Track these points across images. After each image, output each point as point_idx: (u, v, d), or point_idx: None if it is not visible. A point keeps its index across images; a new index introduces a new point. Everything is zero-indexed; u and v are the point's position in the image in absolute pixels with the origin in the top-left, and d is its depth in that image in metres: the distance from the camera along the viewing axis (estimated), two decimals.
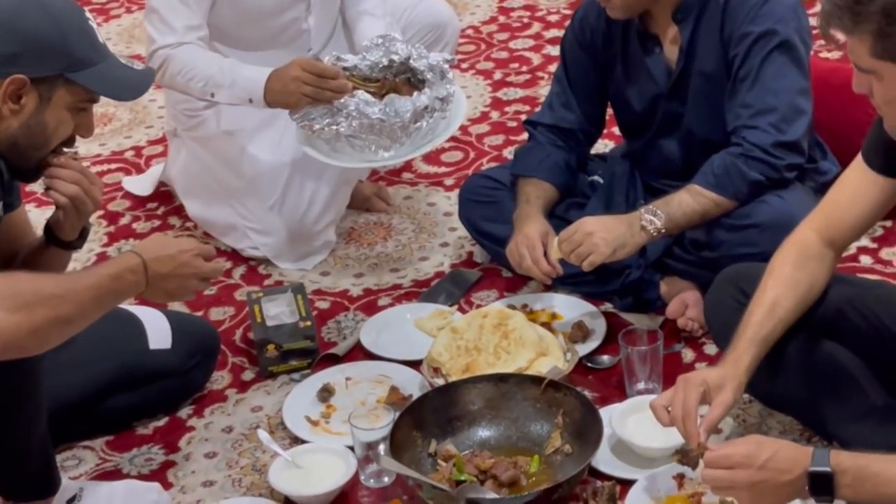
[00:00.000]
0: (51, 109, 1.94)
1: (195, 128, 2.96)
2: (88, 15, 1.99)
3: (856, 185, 2.04)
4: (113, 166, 3.49)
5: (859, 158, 2.05)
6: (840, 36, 1.80)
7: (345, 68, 2.67)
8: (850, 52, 1.83)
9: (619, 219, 2.43)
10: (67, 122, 1.97)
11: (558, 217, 2.67)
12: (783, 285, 2.04)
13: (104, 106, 3.83)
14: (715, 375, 1.98)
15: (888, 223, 2.77)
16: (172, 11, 2.73)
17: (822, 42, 3.74)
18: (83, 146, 3.60)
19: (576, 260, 2.40)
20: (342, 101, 2.59)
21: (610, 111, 2.79)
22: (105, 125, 3.72)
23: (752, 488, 1.80)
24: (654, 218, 2.38)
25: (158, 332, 2.36)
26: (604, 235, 2.37)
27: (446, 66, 2.66)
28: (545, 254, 2.48)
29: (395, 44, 2.70)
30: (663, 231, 2.40)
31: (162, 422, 2.40)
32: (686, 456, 1.95)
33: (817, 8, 1.89)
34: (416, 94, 2.61)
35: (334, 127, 2.59)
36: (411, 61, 2.67)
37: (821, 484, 1.75)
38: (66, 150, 2.00)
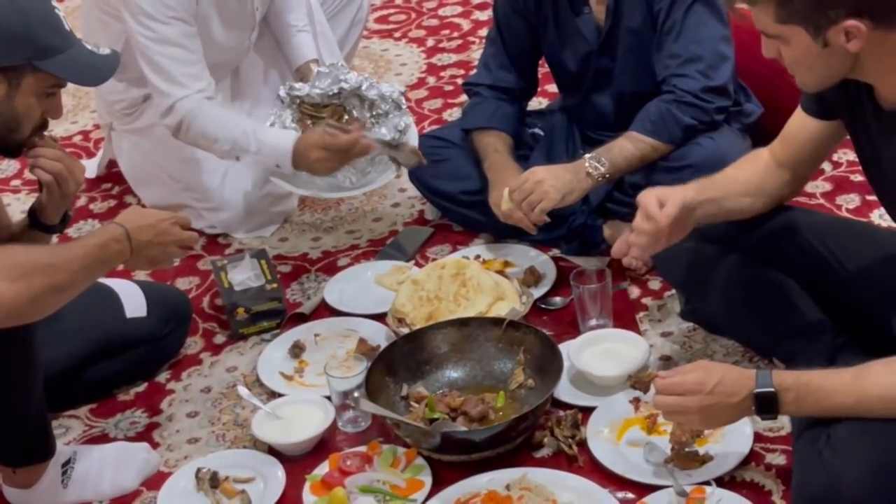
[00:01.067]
0: (20, 96, 2.01)
1: (133, 121, 3.04)
2: (54, 3, 2.05)
3: (800, 124, 2.17)
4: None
5: (799, 106, 2.18)
6: (744, 6, 1.91)
7: (296, 96, 2.74)
8: (755, 21, 1.93)
9: (566, 167, 2.57)
10: (36, 106, 2.04)
11: None
12: (731, 167, 2.24)
13: None
14: (660, 188, 2.16)
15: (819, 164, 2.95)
16: (176, 61, 2.74)
17: None
18: None
19: (527, 208, 2.54)
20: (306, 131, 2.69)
21: (545, 69, 2.94)
22: None
23: (702, 412, 1.94)
24: (598, 164, 2.53)
25: (134, 301, 2.46)
26: (552, 183, 2.51)
27: (400, 96, 2.76)
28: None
29: (344, 72, 2.77)
30: (607, 176, 2.55)
31: (142, 387, 2.51)
32: (639, 381, 2.11)
33: None
34: (376, 127, 2.71)
35: None
36: (362, 89, 2.74)
37: (766, 403, 1.89)
38: (42, 133, 2.09)
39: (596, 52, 2.72)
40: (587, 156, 2.56)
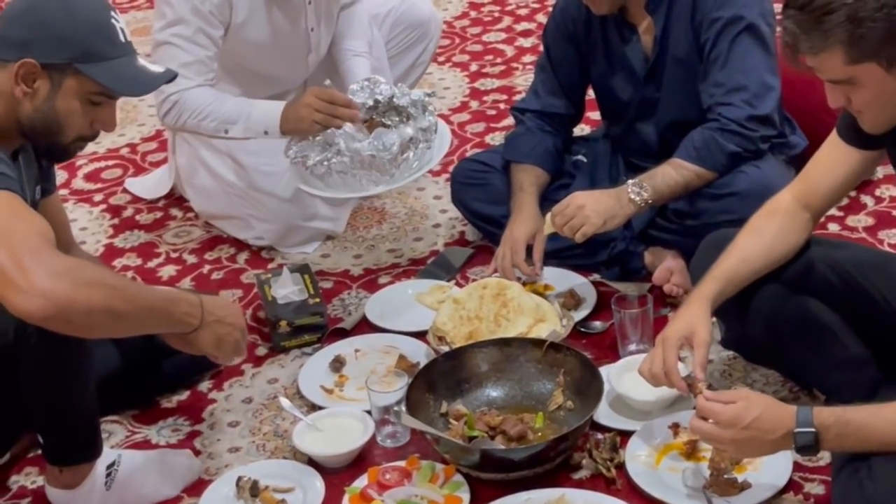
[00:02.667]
0: (61, 97, 2.05)
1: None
2: (114, 13, 2.10)
3: (831, 155, 2.20)
4: (110, 163, 3.62)
5: (834, 133, 2.21)
6: (808, 59, 1.91)
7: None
8: (820, 70, 1.93)
9: (608, 193, 2.59)
10: (79, 112, 2.08)
11: (547, 198, 2.83)
12: (748, 232, 2.22)
13: None
14: (682, 324, 2.15)
15: (853, 192, 2.96)
16: (179, 49, 2.80)
17: None
18: None
19: (569, 232, 2.56)
20: (332, 137, 2.71)
21: (590, 95, 2.97)
22: None
23: (736, 444, 1.96)
24: (641, 190, 2.55)
25: None
26: (594, 208, 2.53)
27: (427, 99, 2.78)
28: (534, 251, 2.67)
29: (380, 85, 2.81)
30: (650, 202, 2.56)
31: (184, 396, 2.54)
32: (691, 385, 2.12)
33: None
34: (402, 126, 2.73)
35: (325, 163, 2.70)
36: (394, 100, 2.78)
37: (806, 441, 1.89)
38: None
39: (642, 80, 2.75)
40: (630, 182, 2.58)
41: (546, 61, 2.92)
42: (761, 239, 2.21)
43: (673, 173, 2.57)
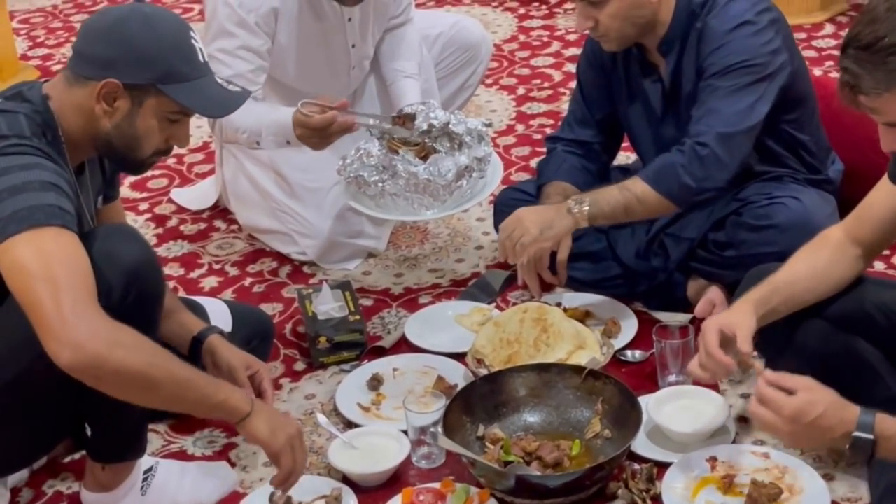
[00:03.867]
0: (141, 116, 2.08)
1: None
2: (193, 33, 2.13)
3: (883, 195, 2.18)
4: (157, 172, 3.65)
5: (886, 177, 2.19)
6: (869, 100, 1.88)
7: (386, 130, 2.79)
8: (880, 112, 1.90)
9: (550, 207, 2.65)
10: (156, 130, 2.11)
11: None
12: (796, 258, 2.22)
13: None
14: (725, 316, 2.16)
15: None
16: (222, 65, 2.82)
17: (832, 63, 3.94)
18: None
19: (508, 245, 2.60)
20: (389, 161, 2.72)
21: None
22: None
23: (793, 436, 1.95)
24: (578, 204, 2.57)
25: (220, 316, 2.50)
26: (532, 218, 2.59)
27: (484, 129, 2.80)
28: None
29: (435, 110, 2.82)
30: (587, 216, 2.56)
31: None
32: (741, 361, 2.13)
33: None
34: (457, 154, 2.74)
35: (381, 185, 2.72)
36: (450, 126, 2.78)
37: (862, 447, 1.88)
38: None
39: (660, 119, 2.74)
40: (573, 196, 2.61)
41: (578, 92, 2.93)
42: (811, 264, 2.21)
43: (616, 193, 2.57)
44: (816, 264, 2.22)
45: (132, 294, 2.02)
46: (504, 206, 2.93)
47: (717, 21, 2.57)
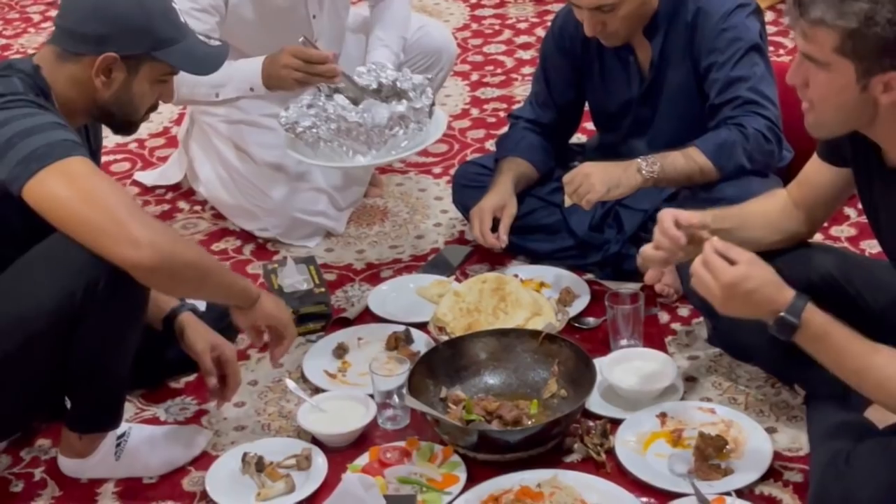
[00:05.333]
0: (137, 82, 2.22)
1: (210, 113, 3.18)
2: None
3: (816, 168, 2.30)
4: (119, 157, 3.73)
5: (816, 151, 2.31)
6: (806, 26, 1.94)
7: (336, 88, 2.82)
8: (808, 40, 1.95)
9: (617, 164, 2.69)
10: (150, 92, 2.26)
11: (543, 199, 2.95)
12: (748, 202, 2.36)
13: None
14: (678, 209, 2.26)
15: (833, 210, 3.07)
16: None
17: (772, 48, 4.10)
18: None
19: (576, 199, 2.67)
20: (322, 106, 2.74)
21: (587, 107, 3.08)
22: None
23: (725, 302, 2.02)
24: (650, 165, 2.66)
25: None
26: (600, 176, 2.64)
27: (427, 83, 2.84)
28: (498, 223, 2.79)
29: (385, 70, 2.88)
30: (655, 178, 2.66)
31: (192, 377, 2.63)
32: (691, 235, 2.21)
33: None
34: (394, 103, 2.76)
35: (314, 130, 2.74)
36: (398, 83, 2.83)
37: (785, 328, 1.97)
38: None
39: (637, 100, 2.86)
40: (642, 157, 2.68)
41: (541, 74, 3.03)
42: (762, 207, 2.34)
43: (681, 160, 2.68)
44: (767, 210, 2.35)
45: (120, 286, 2.09)
46: (463, 180, 3.04)
47: (716, 4, 2.70)
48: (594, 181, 2.64)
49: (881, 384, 1.95)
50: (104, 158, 3.64)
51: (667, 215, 2.25)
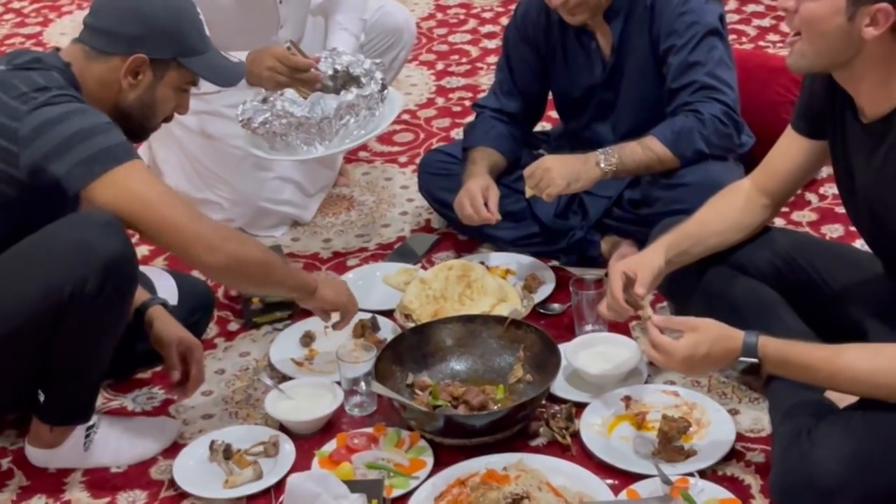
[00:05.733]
0: (161, 87, 2.28)
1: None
2: (198, 10, 2.32)
3: (786, 146, 2.35)
4: None
5: (790, 125, 2.36)
6: None
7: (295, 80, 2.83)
8: None
9: (576, 157, 2.72)
10: (171, 99, 2.32)
11: (508, 187, 2.97)
12: (707, 206, 2.40)
13: None
14: (632, 258, 2.33)
15: (798, 190, 3.11)
16: None
17: (735, 36, 4.14)
18: None
19: (537, 193, 2.69)
20: (272, 102, 2.76)
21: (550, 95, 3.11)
22: None
23: (688, 370, 2.14)
24: (608, 157, 2.68)
25: (167, 290, 2.60)
26: (560, 170, 2.66)
27: (375, 68, 2.86)
28: (486, 203, 2.77)
29: (341, 56, 2.90)
30: (614, 170, 2.68)
31: (158, 367, 2.63)
32: (632, 302, 2.27)
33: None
34: (343, 92, 2.79)
35: (268, 126, 2.76)
36: (351, 69, 2.86)
37: (748, 367, 2.06)
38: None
39: (599, 84, 2.89)
40: (600, 149, 2.70)
41: (505, 63, 3.05)
42: (719, 209, 2.39)
43: (639, 151, 2.70)
44: (726, 211, 2.39)
45: (108, 287, 2.11)
46: (429, 168, 3.05)
47: None
48: (554, 175, 2.66)
49: (855, 381, 2.00)
50: None
51: (616, 275, 2.29)
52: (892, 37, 1.99)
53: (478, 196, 2.78)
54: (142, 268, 2.62)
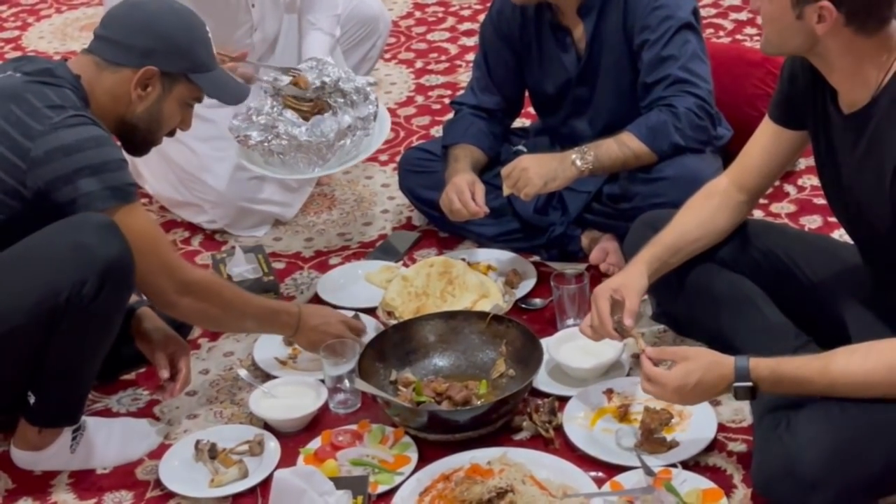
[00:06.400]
0: (168, 101, 2.31)
1: None
2: (207, 28, 2.35)
3: (763, 138, 2.36)
4: None
5: (766, 116, 2.38)
6: None
7: (279, 88, 2.83)
8: None
9: (553, 156, 2.73)
10: (177, 114, 2.35)
11: (489, 183, 2.98)
12: (686, 209, 2.40)
13: None
14: (617, 279, 2.32)
15: (777, 182, 3.14)
16: None
17: (712, 30, 4.16)
18: None
19: (515, 192, 2.71)
20: (273, 121, 2.75)
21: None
22: None
23: (682, 400, 2.14)
24: (584, 156, 2.69)
25: None
26: (537, 170, 2.68)
27: (369, 88, 2.86)
28: (473, 197, 2.78)
29: (327, 67, 2.88)
30: (590, 168, 2.70)
31: (143, 369, 2.64)
32: (622, 329, 2.28)
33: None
34: (340, 114, 2.79)
35: (265, 144, 2.76)
36: (340, 83, 2.84)
37: (743, 393, 2.06)
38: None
39: (575, 80, 2.90)
40: (575, 148, 2.72)
41: (482, 60, 3.06)
42: (699, 215, 2.39)
43: (615, 148, 2.72)
44: (704, 215, 2.40)
45: (105, 290, 2.12)
46: (409, 165, 3.07)
47: None
48: (531, 175, 2.67)
49: (853, 386, 2.01)
50: None
51: (603, 298, 2.29)
52: (848, 30, 2.02)
53: (465, 190, 2.79)
54: None
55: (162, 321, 2.48)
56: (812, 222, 3.03)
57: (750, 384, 2.05)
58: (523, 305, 2.76)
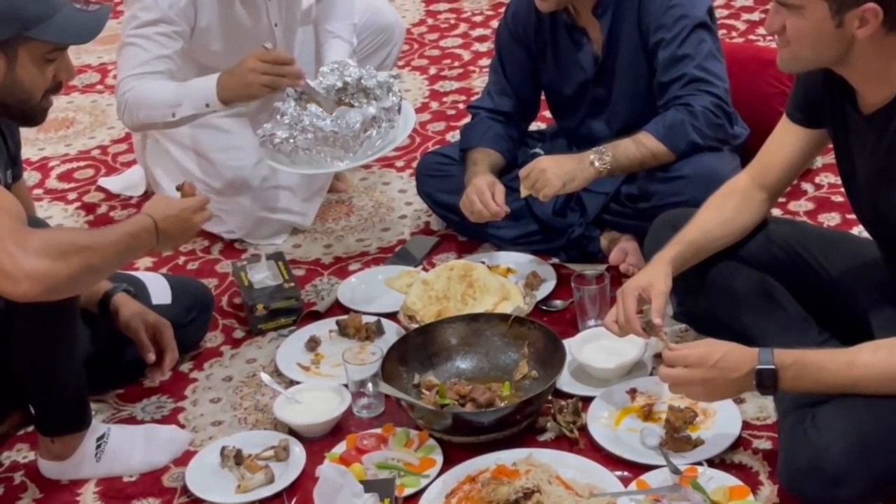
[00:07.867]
0: (20, 67, 2.15)
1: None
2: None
3: (782, 136, 2.37)
4: (82, 164, 3.73)
5: (784, 116, 2.38)
6: None
7: (302, 92, 2.83)
8: None
9: (571, 157, 2.74)
10: (38, 73, 2.18)
11: (507, 186, 2.98)
12: (707, 208, 2.41)
13: (64, 111, 4.07)
14: (643, 277, 2.32)
15: (794, 180, 3.14)
16: (140, 49, 2.91)
17: (724, 31, 4.16)
18: (50, 147, 3.85)
19: (534, 193, 2.71)
20: (298, 116, 2.76)
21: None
22: (68, 128, 3.99)
23: (705, 384, 2.11)
24: (602, 156, 2.70)
25: (159, 289, 2.62)
26: (555, 171, 2.68)
27: (392, 81, 2.87)
28: (493, 197, 2.79)
29: (349, 68, 2.90)
30: (609, 168, 2.70)
31: (166, 377, 2.65)
32: (650, 327, 2.29)
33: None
34: (365, 105, 2.80)
35: (292, 141, 2.76)
36: (362, 81, 2.85)
37: (766, 379, 2.05)
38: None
39: (592, 81, 2.91)
40: (593, 149, 2.72)
41: (498, 63, 3.07)
42: (720, 213, 2.39)
43: (633, 148, 2.72)
44: (725, 214, 2.41)
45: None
46: (427, 170, 3.08)
47: None
48: (549, 176, 2.68)
49: (877, 382, 2.01)
50: (68, 166, 3.70)
51: (630, 296, 2.29)
52: (882, 31, 2.02)
53: (486, 191, 2.80)
54: (134, 272, 2.65)
55: (138, 303, 2.50)
56: (830, 220, 3.03)
57: (773, 367, 2.03)
58: (544, 307, 2.77)
